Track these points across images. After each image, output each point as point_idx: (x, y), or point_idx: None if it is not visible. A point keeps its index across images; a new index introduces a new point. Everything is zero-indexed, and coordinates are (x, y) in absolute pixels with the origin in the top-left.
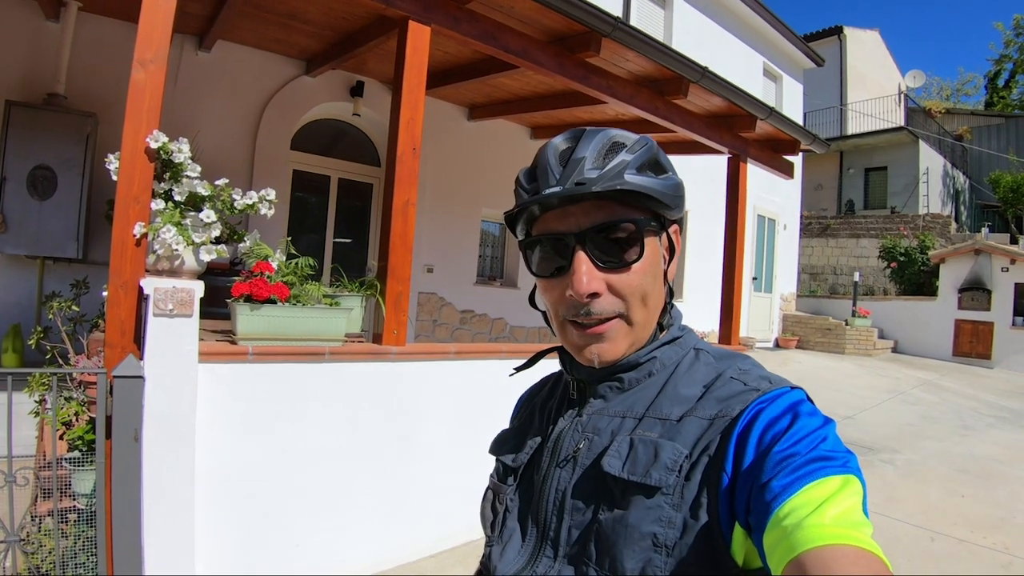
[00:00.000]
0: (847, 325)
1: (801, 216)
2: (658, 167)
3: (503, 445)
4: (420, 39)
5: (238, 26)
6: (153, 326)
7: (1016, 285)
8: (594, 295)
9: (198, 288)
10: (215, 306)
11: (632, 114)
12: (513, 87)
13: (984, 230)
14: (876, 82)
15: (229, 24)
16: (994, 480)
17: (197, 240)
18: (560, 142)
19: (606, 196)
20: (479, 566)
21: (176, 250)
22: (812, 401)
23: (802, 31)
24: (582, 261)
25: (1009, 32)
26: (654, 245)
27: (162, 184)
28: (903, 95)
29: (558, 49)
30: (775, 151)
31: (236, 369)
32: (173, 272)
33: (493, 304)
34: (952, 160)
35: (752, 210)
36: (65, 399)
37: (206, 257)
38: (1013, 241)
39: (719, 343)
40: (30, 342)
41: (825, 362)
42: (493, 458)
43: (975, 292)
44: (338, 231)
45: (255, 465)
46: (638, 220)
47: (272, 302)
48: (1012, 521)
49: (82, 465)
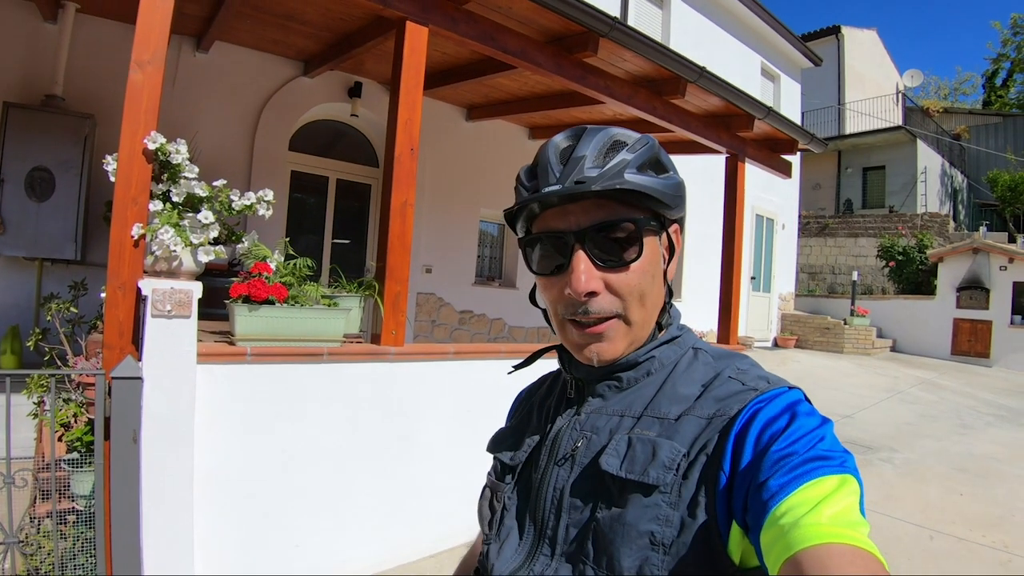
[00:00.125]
0: (845, 324)
1: (799, 215)
2: (659, 166)
3: (501, 443)
4: (418, 40)
5: (236, 27)
6: (151, 327)
7: (1014, 284)
8: (592, 294)
9: (196, 289)
10: (213, 307)
11: (630, 114)
12: (511, 87)
13: (982, 229)
14: (874, 81)
15: (227, 25)
16: (993, 478)
17: (195, 241)
18: (561, 140)
19: (606, 195)
20: (476, 564)
21: (174, 251)
22: (810, 401)
23: (800, 31)
24: (581, 260)
25: (1007, 31)
26: (654, 245)
27: (160, 185)
28: (901, 94)
29: (556, 49)
30: (773, 151)
31: (235, 370)
32: (171, 273)
33: (492, 304)
34: (950, 159)
35: (750, 210)
36: (64, 400)
37: (204, 258)
38: (1011, 240)
39: (717, 343)
40: (28, 344)
41: (824, 361)
42: (491, 457)
43: (973, 291)
44: (336, 232)
45: (254, 466)
46: (638, 219)
47: (270, 303)
48: (1011, 519)
49: (81, 466)
